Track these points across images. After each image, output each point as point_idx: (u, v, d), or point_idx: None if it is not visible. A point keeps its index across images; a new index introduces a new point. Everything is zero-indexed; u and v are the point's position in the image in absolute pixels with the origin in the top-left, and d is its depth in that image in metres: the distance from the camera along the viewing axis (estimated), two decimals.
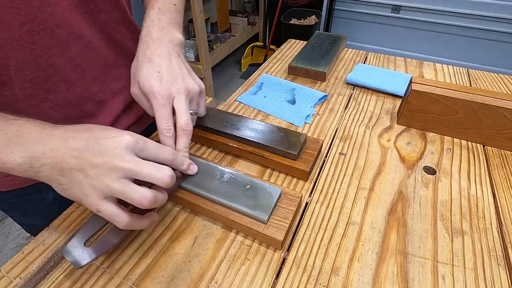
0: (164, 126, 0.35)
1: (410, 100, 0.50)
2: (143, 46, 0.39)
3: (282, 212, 0.35)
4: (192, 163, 0.37)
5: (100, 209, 0.28)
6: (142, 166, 0.29)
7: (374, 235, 0.36)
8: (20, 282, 0.31)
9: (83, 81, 0.41)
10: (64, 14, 0.35)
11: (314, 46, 0.74)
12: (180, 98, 0.36)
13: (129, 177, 0.29)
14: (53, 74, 0.37)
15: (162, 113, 0.35)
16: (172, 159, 0.33)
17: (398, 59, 0.75)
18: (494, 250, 0.35)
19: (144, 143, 0.30)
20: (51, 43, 0.35)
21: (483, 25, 1.97)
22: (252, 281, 0.32)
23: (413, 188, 0.42)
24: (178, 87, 0.37)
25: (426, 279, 0.32)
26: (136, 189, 0.28)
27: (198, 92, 0.39)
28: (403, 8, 2.12)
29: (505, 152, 0.48)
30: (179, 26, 0.44)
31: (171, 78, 0.37)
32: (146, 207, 0.29)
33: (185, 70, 0.39)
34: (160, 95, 0.35)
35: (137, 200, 0.28)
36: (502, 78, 0.67)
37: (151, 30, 0.40)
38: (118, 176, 0.28)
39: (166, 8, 0.43)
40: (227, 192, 0.36)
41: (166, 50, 0.39)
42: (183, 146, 0.36)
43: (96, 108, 0.45)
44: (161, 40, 0.39)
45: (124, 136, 0.29)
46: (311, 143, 0.45)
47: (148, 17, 0.41)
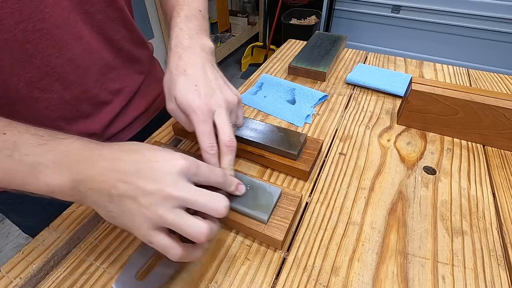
0: (207, 144, 0.33)
1: (410, 100, 0.50)
2: (175, 58, 0.37)
3: (282, 212, 0.35)
4: (240, 183, 0.34)
5: (153, 241, 0.26)
6: (198, 196, 0.27)
7: (374, 235, 0.36)
8: (20, 282, 0.31)
9: (83, 82, 0.41)
10: (63, 15, 0.35)
11: (314, 46, 0.74)
12: (221, 111, 0.34)
13: (183, 206, 0.26)
14: (48, 73, 0.37)
15: (204, 129, 0.33)
16: (223, 182, 0.31)
17: (398, 59, 0.75)
18: (494, 250, 0.35)
19: (197, 167, 0.28)
20: (47, 44, 0.35)
21: (483, 25, 1.97)
22: (252, 281, 0.32)
23: (413, 188, 0.42)
24: (218, 100, 0.35)
25: (426, 279, 0.32)
26: (191, 222, 0.26)
27: (236, 103, 0.37)
28: (403, 8, 2.12)
29: (505, 152, 0.48)
30: (207, 33, 0.42)
31: (210, 91, 0.35)
32: (202, 242, 0.26)
33: (221, 81, 0.37)
34: (201, 111, 0.33)
35: (193, 233, 0.26)
36: (502, 78, 0.67)
37: (181, 40, 0.38)
38: (172, 206, 0.25)
39: (192, 15, 0.41)
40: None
41: (200, 60, 0.37)
42: (228, 164, 0.34)
43: (94, 109, 0.45)
44: (193, 49, 0.38)
45: (178, 161, 0.27)
46: (311, 143, 0.45)
47: (176, 25, 0.40)
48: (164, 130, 0.52)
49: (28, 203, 0.47)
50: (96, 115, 0.46)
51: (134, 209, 0.25)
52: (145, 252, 0.30)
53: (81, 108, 0.43)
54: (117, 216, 0.26)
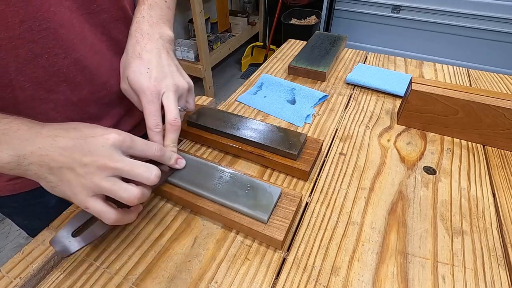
0: (152, 122, 0.35)
1: (410, 100, 0.50)
2: (133, 41, 0.39)
3: (282, 212, 0.35)
4: (180, 158, 0.38)
5: (89, 206, 0.29)
6: (131, 166, 0.30)
7: (374, 235, 0.36)
8: (20, 282, 0.31)
9: (91, 84, 0.41)
10: (66, 14, 0.35)
11: (314, 46, 0.74)
12: (169, 94, 0.37)
13: (117, 175, 0.29)
14: (54, 74, 0.37)
15: (151, 109, 0.36)
16: (160, 155, 0.34)
17: (398, 59, 0.75)
18: (494, 250, 0.35)
19: (131, 140, 0.31)
20: (53, 43, 0.35)
21: (483, 25, 1.97)
22: (252, 281, 0.32)
23: (413, 188, 0.42)
24: (167, 83, 0.37)
25: (426, 279, 0.32)
26: (124, 187, 0.29)
27: (186, 88, 0.39)
28: (403, 8, 2.12)
29: (505, 152, 0.48)
30: (169, 23, 0.44)
31: (161, 74, 0.37)
32: (134, 204, 0.30)
33: (174, 67, 0.39)
34: (150, 91, 0.36)
35: (126, 198, 0.29)
36: (502, 78, 0.67)
37: (141, 26, 0.40)
38: (106, 174, 0.29)
39: (156, 4, 0.43)
40: (227, 192, 0.36)
41: (156, 46, 0.39)
42: (171, 141, 0.37)
43: (102, 111, 0.45)
44: (151, 36, 0.39)
45: (110, 135, 0.30)
46: (311, 143, 0.45)
47: (139, 12, 0.41)
48: None
49: (34, 206, 0.47)
50: (103, 118, 0.46)
51: (72, 178, 0.28)
52: (83, 215, 0.33)
53: (88, 110, 0.43)
54: (56, 186, 0.29)
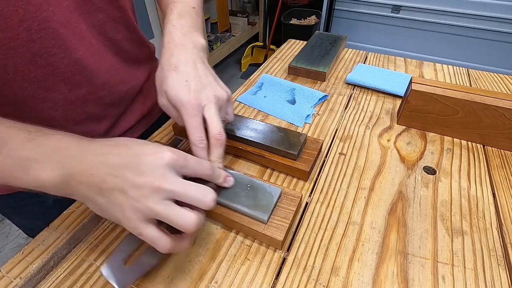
0: (196, 137, 0.34)
1: (410, 100, 0.50)
2: (167, 54, 0.38)
3: (282, 212, 0.35)
4: (228, 175, 0.36)
5: (143, 232, 0.26)
6: (187, 188, 0.27)
7: (374, 235, 0.36)
8: (20, 282, 0.31)
9: (90, 84, 0.41)
10: (65, 14, 0.35)
11: (314, 46, 0.74)
12: (211, 106, 0.35)
13: (172, 198, 0.27)
14: (53, 73, 0.37)
15: (193, 123, 0.34)
16: (211, 174, 0.32)
17: (398, 59, 0.75)
18: (494, 250, 0.35)
19: (185, 159, 0.29)
20: (52, 43, 0.35)
21: (483, 25, 1.97)
22: (252, 281, 0.32)
23: (413, 188, 0.42)
24: (207, 95, 0.35)
25: (426, 279, 0.32)
26: (180, 213, 0.27)
27: (226, 99, 0.38)
28: (403, 8, 2.12)
29: (505, 152, 0.48)
30: (200, 30, 0.42)
31: (199, 86, 0.35)
32: (190, 231, 0.27)
33: (211, 77, 0.38)
34: (190, 105, 0.34)
35: (183, 224, 0.26)
36: (502, 78, 0.67)
37: (173, 36, 0.39)
38: (161, 197, 0.26)
39: (186, 12, 0.42)
40: (227, 192, 0.36)
41: (191, 56, 0.38)
42: (217, 157, 0.34)
43: (101, 111, 0.45)
44: (185, 46, 0.38)
45: (165, 153, 0.27)
46: (311, 143, 0.45)
47: (169, 22, 0.40)
48: (164, 130, 0.52)
49: (32, 206, 0.47)
50: (102, 117, 0.45)
51: (124, 201, 0.26)
52: (133, 240, 0.31)
53: (88, 109, 0.43)
54: (106, 209, 0.27)
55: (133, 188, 0.26)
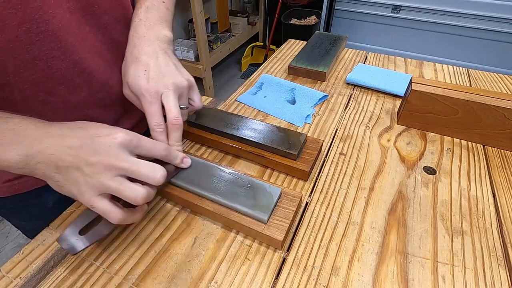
0: (154, 122, 0.36)
1: (410, 100, 0.50)
2: (130, 46, 0.39)
3: (282, 212, 0.35)
4: (185, 157, 0.38)
5: (95, 205, 0.29)
6: (137, 166, 0.30)
7: (374, 235, 0.36)
8: (20, 282, 0.31)
9: (90, 86, 0.41)
10: (65, 16, 0.35)
11: (314, 46, 0.74)
12: (168, 93, 0.36)
13: (124, 175, 0.29)
14: (53, 76, 0.37)
15: (151, 109, 0.36)
16: (166, 154, 0.34)
17: (398, 59, 0.75)
18: (494, 250, 0.35)
19: (138, 140, 0.31)
20: (52, 46, 0.35)
21: (483, 25, 1.97)
22: (252, 281, 0.32)
23: (413, 188, 0.42)
24: (165, 83, 0.37)
25: (426, 279, 0.32)
26: (130, 187, 0.29)
27: (186, 86, 0.39)
28: (403, 8, 2.12)
29: (505, 152, 0.48)
30: (167, 23, 0.43)
31: (158, 75, 0.37)
32: (140, 204, 0.30)
33: (172, 66, 0.39)
34: (148, 93, 0.36)
35: (132, 197, 0.29)
36: (502, 78, 0.67)
37: (138, 29, 0.40)
38: (113, 174, 0.29)
39: (154, 6, 0.43)
40: (227, 192, 0.36)
41: (153, 48, 0.39)
42: (175, 141, 0.37)
43: (101, 113, 0.45)
44: (147, 38, 0.39)
45: (117, 134, 0.30)
46: (311, 143, 0.45)
47: (136, 16, 0.41)
48: None
49: (31, 207, 0.47)
50: (102, 119, 0.45)
51: (79, 178, 0.28)
52: (88, 214, 0.33)
53: (87, 112, 0.43)
54: (63, 185, 0.29)
55: (87, 166, 0.28)
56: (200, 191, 0.37)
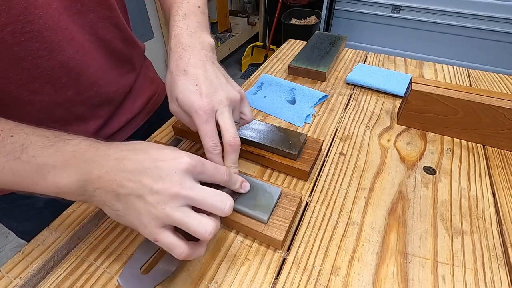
0: (211, 144, 0.33)
1: (410, 100, 0.50)
2: (175, 57, 0.36)
3: (282, 212, 0.35)
4: (244, 181, 0.35)
5: (159, 238, 0.26)
6: (204, 195, 0.27)
7: (374, 235, 0.36)
8: (20, 282, 0.31)
9: (76, 85, 0.40)
10: (53, 16, 0.34)
11: (314, 46, 0.74)
12: (224, 110, 0.34)
13: (189, 204, 0.27)
14: (39, 75, 0.36)
15: (207, 130, 0.33)
16: (228, 180, 0.32)
17: (398, 59, 0.75)
18: (494, 250, 0.35)
19: (202, 165, 0.28)
20: (38, 46, 0.34)
21: (483, 25, 1.97)
22: (252, 281, 0.32)
23: (413, 188, 0.42)
24: (220, 98, 0.34)
25: (426, 279, 0.32)
26: (198, 220, 0.26)
27: (239, 100, 0.36)
28: (403, 8, 2.12)
29: (505, 152, 0.48)
30: (207, 29, 0.41)
31: (211, 89, 0.34)
32: (208, 239, 0.27)
33: (223, 78, 0.36)
34: (203, 111, 0.33)
35: (201, 232, 0.26)
36: (502, 78, 0.67)
37: (180, 39, 0.37)
38: (179, 204, 0.26)
39: (191, 12, 0.41)
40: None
41: (200, 58, 0.36)
42: (232, 163, 0.34)
43: (89, 112, 0.44)
44: (193, 47, 0.37)
45: (183, 159, 0.27)
46: (311, 143, 0.45)
47: (175, 24, 0.39)
48: (164, 130, 0.52)
49: (22, 207, 0.47)
50: (90, 118, 0.45)
51: (141, 207, 0.26)
52: (149, 247, 0.31)
53: (75, 110, 0.42)
54: (123, 215, 0.27)
55: (150, 194, 0.25)
56: None
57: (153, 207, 0.25)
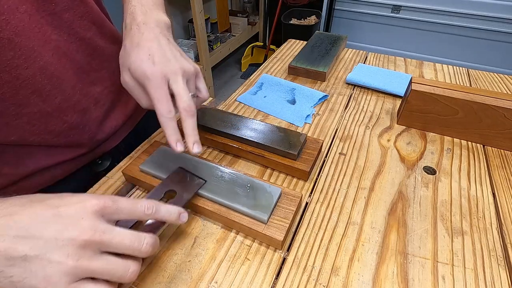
0: (164, 108, 0.32)
1: (410, 100, 0.50)
2: (130, 34, 0.37)
3: (282, 212, 0.35)
4: (182, 212, 0.31)
5: None
6: (120, 237, 0.25)
7: (374, 235, 0.36)
8: None
9: (61, 91, 0.38)
10: (23, 20, 0.32)
11: (314, 46, 0.74)
12: (177, 79, 0.34)
13: (105, 250, 0.24)
14: (21, 87, 0.34)
15: (160, 94, 0.33)
16: (152, 214, 0.28)
17: (398, 59, 0.75)
18: (494, 250, 0.35)
19: (113, 203, 0.26)
20: (12, 54, 0.32)
21: (483, 25, 1.97)
22: (252, 281, 0.32)
23: (413, 188, 0.42)
24: (173, 68, 0.34)
25: (426, 279, 0.32)
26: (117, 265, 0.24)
27: (193, 72, 0.36)
28: (403, 8, 2.12)
29: (505, 152, 0.48)
30: (162, 8, 0.41)
31: (164, 59, 0.34)
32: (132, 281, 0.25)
33: (177, 52, 0.36)
34: (154, 77, 0.33)
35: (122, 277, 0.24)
36: (502, 78, 0.67)
37: (135, 16, 0.37)
38: (91, 253, 0.23)
39: None
40: (227, 192, 0.36)
41: (154, 34, 0.36)
42: (191, 130, 0.33)
43: (81, 118, 0.42)
44: (147, 24, 0.37)
45: (90, 201, 0.24)
46: (311, 143, 0.45)
47: (129, 2, 0.39)
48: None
49: None
50: (86, 125, 0.43)
51: (46, 267, 0.22)
52: None
53: (67, 118, 0.40)
54: (22, 280, 0.22)
55: (55, 250, 0.22)
56: (200, 191, 0.37)
57: (60, 264, 0.22)
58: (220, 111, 0.50)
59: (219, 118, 0.48)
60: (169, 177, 0.37)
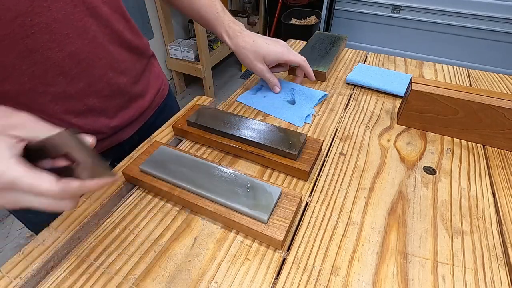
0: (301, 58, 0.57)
1: (410, 100, 0.50)
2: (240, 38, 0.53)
3: (282, 212, 0.35)
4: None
5: None
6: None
7: (374, 235, 0.36)
8: (20, 282, 0.31)
9: (88, 76, 0.42)
10: (65, 9, 0.36)
11: (314, 46, 0.74)
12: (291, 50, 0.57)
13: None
14: (50, 67, 0.38)
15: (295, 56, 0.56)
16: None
17: (398, 59, 0.75)
18: (494, 250, 0.35)
19: None
20: (47, 38, 0.36)
21: (483, 25, 1.97)
22: (252, 281, 0.32)
23: (413, 188, 0.42)
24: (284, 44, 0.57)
25: (426, 279, 0.32)
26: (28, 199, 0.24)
27: None
28: (403, 8, 2.12)
29: (505, 152, 0.48)
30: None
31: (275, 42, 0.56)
32: None
33: None
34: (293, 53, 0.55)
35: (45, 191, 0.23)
36: (502, 78, 0.67)
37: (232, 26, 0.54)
38: None
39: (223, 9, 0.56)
40: (227, 192, 0.36)
41: (253, 34, 0.55)
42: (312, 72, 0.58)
43: (101, 104, 0.46)
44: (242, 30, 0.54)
45: None
46: (311, 143, 0.45)
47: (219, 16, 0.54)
48: (164, 130, 0.52)
49: None
50: (102, 109, 0.46)
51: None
52: None
53: (87, 102, 0.44)
54: None
55: None
56: (200, 191, 0.37)
57: None
58: (220, 111, 0.50)
59: (219, 118, 0.48)
60: None
